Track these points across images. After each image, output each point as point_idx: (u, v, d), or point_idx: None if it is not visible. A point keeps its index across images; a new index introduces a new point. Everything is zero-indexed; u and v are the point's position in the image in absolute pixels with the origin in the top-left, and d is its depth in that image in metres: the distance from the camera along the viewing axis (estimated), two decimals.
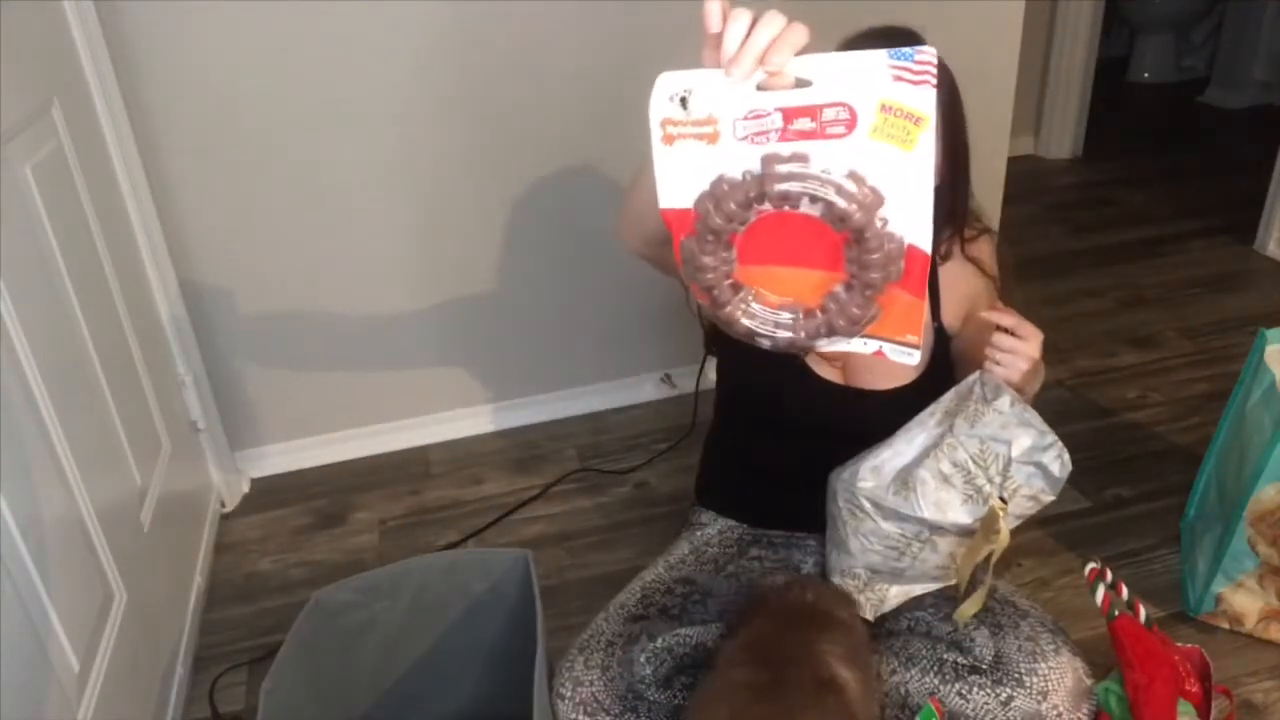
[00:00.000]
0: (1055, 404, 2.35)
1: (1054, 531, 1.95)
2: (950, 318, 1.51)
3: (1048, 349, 1.31)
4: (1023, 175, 3.34)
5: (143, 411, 1.78)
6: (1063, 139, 4.03)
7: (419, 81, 2.01)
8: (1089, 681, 1.32)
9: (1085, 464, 2.11)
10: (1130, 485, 2.08)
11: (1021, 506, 1.33)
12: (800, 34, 0.85)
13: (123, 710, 1.42)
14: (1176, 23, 4.86)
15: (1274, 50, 4.41)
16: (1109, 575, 1.45)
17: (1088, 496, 2.04)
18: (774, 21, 0.85)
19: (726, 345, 1.57)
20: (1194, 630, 1.71)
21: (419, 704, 1.52)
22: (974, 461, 1.30)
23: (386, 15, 1.93)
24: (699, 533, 1.64)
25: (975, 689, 1.30)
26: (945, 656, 1.34)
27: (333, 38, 1.93)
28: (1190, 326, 2.70)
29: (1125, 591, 1.46)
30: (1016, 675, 1.29)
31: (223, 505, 2.18)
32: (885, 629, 1.47)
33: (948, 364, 1.52)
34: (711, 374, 1.69)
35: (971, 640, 1.35)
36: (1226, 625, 1.70)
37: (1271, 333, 1.68)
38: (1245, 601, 1.66)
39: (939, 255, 1.48)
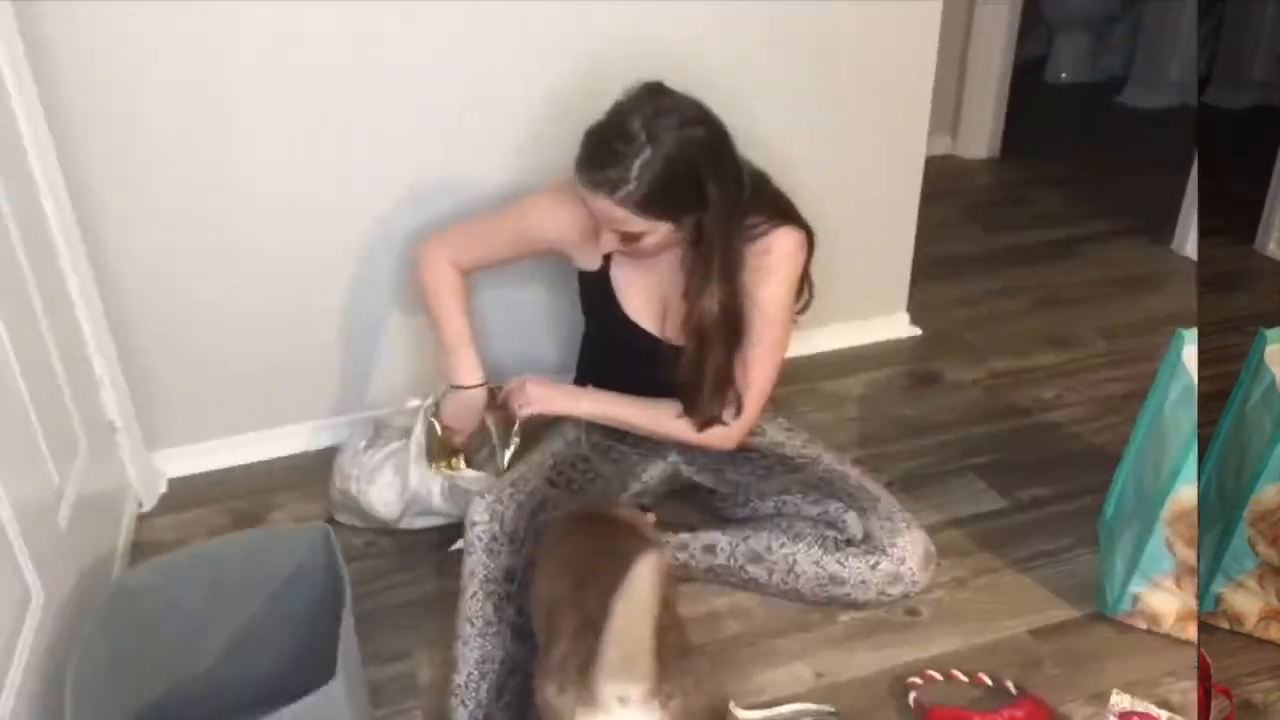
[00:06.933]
0: (970, 404, 2.34)
1: (971, 531, 1.96)
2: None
3: (965, 349, 1.30)
4: (940, 175, 3.34)
5: (60, 411, 1.76)
6: (980, 138, 4.06)
7: (351, 76, 2.00)
8: (933, 549, 1.73)
9: (1001, 464, 2.14)
10: (1047, 485, 2.09)
11: None
12: None
13: (42, 707, 1.42)
14: (1093, 22, 4.94)
15: (1191, 52, 4.50)
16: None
17: (1004, 496, 2.06)
18: None
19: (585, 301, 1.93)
20: (1113, 630, 1.73)
21: (226, 681, 1.56)
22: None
23: (310, 14, 1.92)
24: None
25: (851, 557, 1.72)
26: (826, 534, 1.76)
27: (255, 36, 1.91)
28: (1106, 326, 2.74)
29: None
30: (882, 547, 1.71)
31: (140, 505, 2.15)
32: (753, 512, 1.88)
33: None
34: None
35: (844, 522, 1.76)
36: (1226, 625, 1.71)
37: (1271, 333, 1.69)
38: (1245, 601, 1.68)
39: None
